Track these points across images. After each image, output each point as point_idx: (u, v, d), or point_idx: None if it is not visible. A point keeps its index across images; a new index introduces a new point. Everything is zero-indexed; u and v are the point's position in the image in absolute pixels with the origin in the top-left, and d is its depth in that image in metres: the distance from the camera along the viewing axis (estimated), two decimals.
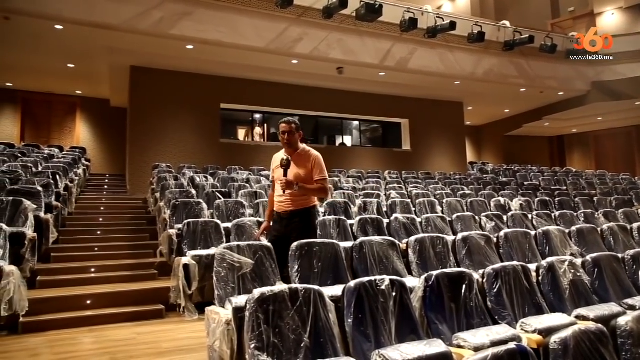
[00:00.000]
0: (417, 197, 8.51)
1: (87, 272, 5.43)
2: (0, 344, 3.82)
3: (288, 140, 3.86)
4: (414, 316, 2.83)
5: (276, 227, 3.89)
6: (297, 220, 3.78)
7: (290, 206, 3.77)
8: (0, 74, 12.46)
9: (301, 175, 3.79)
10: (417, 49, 11.89)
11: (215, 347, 2.71)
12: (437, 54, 12.16)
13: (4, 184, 6.54)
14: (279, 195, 3.81)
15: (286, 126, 3.88)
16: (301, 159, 3.85)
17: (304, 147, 3.96)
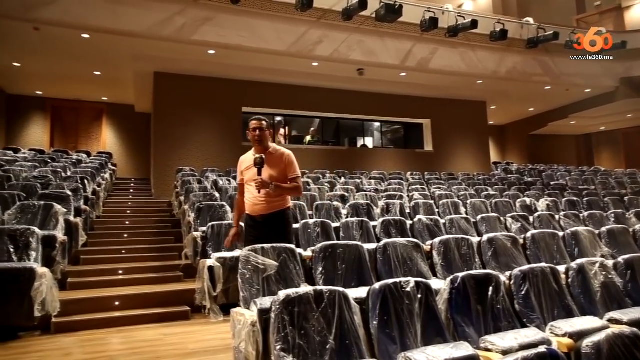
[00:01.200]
0: (440, 198, 8.43)
1: (115, 274, 5.54)
2: (35, 343, 3.93)
3: (259, 137, 3.70)
4: (440, 318, 2.80)
5: (252, 231, 3.73)
6: (274, 222, 3.66)
7: (266, 209, 3.64)
8: (31, 82, 12.86)
9: (275, 174, 3.65)
10: (438, 48, 11.78)
11: (241, 348, 2.73)
12: (458, 53, 12.03)
13: (35, 189, 6.75)
14: (253, 197, 3.66)
15: (257, 123, 3.74)
16: (273, 158, 3.71)
17: (275, 145, 3.84)
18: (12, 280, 3.93)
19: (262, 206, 3.64)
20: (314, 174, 10.71)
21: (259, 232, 3.65)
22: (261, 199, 3.62)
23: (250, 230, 3.75)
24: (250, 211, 3.73)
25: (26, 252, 4.45)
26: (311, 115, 13.73)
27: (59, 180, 7.76)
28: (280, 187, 3.61)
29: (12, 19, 8.54)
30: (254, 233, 3.69)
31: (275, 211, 3.66)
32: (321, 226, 5.33)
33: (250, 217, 3.74)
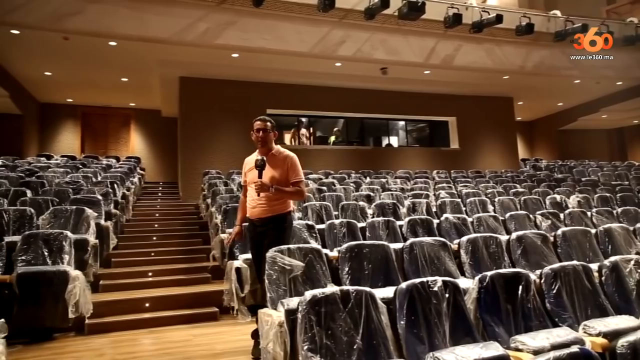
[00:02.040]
0: (467, 196, 8.30)
1: (144, 276, 5.65)
2: (69, 344, 4.05)
3: (262, 138, 3.60)
4: (469, 318, 2.76)
5: (250, 234, 3.69)
6: (270, 226, 3.52)
7: (264, 212, 3.51)
8: (62, 90, 13.26)
9: (276, 177, 3.52)
10: (462, 45, 11.62)
11: (268, 348, 2.75)
12: (483, 49, 11.83)
13: (67, 194, 6.95)
14: (253, 199, 3.54)
15: (261, 124, 3.62)
16: (276, 160, 3.59)
17: (278, 147, 3.72)
18: (47, 283, 4.05)
19: (260, 209, 3.52)
20: (339, 174, 10.70)
21: (256, 235, 3.57)
22: (260, 202, 3.50)
23: (249, 233, 3.70)
24: (249, 214, 3.62)
25: (60, 255, 4.58)
26: (335, 115, 13.73)
27: (90, 185, 7.97)
28: (281, 190, 3.47)
29: (43, 30, 8.82)
30: (252, 236, 3.64)
31: (273, 215, 3.52)
32: (347, 226, 5.32)
33: (249, 220, 3.64)
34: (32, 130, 13.87)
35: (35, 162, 10.57)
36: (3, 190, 7.00)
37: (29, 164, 10.31)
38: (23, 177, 8.30)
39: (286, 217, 3.61)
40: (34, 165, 10.07)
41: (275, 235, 3.49)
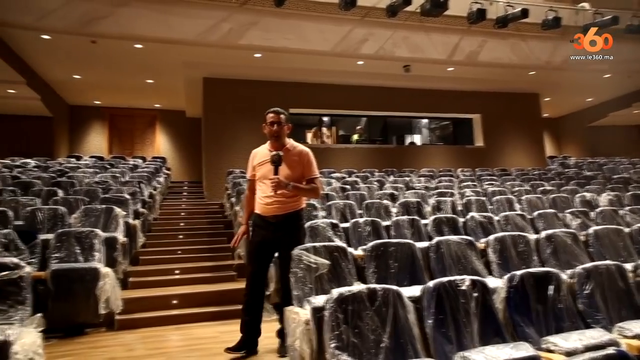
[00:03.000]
0: (493, 194, 8.17)
1: (172, 273, 5.74)
2: (100, 339, 4.15)
3: (277, 132, 3.44)
4: (498, 318, 2.73)
5: (261, 232, 3.45)
6: (288, 225, 3.39)
7: (280, 209, 3.36)
8: (90, 93, 13.59)
9: (291, 173, 3.37)
10: (487, 40, 11.44)
11: (295, 346, 2.76)
12: (508, 44, 11.63)
13: (97, 193, 7.12)
14: (266, 196, 3.37)
15: (275, 116, 3.48)
16: (290, 156, 3.43)
17: (291, 141, 3.58)
18: (79, 279, 4.16)
19: (276, 207, 3.36)
20: (362, 173, 10.67)
21: (269, 233, 3.40)
22: (275, 199, 3.34)
23: (259, 230, 3.46)
24: (261, 211, 3.43)
25: (91, 253, 4.70)
26: (358, 114, 13.69)
27: (118, 185, 8.14)
28: (298, 187, 3.35)
29: (72, 35, 9.07)
30: (263, 234, 3.44)
31: (289, 212, 3.39)
32: (371, 225, 5.30)
33: (261, 217, 3.44)
34: (62, 131, 14.25)
35: (66, 163, 10.85)
36: (36, 189, 7.22)
37: (60, 164, 10.60)
38: (55, 177, 8.54)
39: (301, 214, 3.53)
40: (65, 165, 10.34)
41: (292, 233, 3.41)
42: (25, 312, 2.96)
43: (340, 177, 9.87)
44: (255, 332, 3.49)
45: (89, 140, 15.12)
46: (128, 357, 3.65)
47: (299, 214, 3.48)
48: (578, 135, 17.94)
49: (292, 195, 3.37)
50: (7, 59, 9.46)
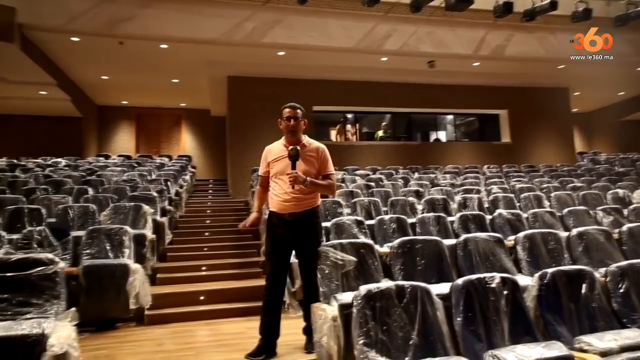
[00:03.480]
0: (521, 191, 8.03)
1: (198, 270, 5.82)
2: (131, 333, 4.24)
3: (294, 127, 3.37)
4: (528, 316, 2.68)
5: (278, 230, 3.37)
6: (305, 222, 3.31)
7: (297, 207, 3.28)
8: (118, 93, 13.88)
9: (308, 169, 3.30)
10: (513, 34, 11.22)
11: (322, 342, 2.76)
12: (536, 37, 11.38)
13: (125, 191, 7.26)
14: (284, 192, 3.28)
15: (292, 111, 3.41)
16: (307, 152, 3.36)
17: (307, 138, 3.51)
18: (110, 275, 4.26)
19: (293, 203, 3.27)
20: (386, 170, 10.61)
21: (287, 231, 3.32)
22: (293, 196, 3.25)
23: (276, 228, 3.37)
24: (278, 208, 3.33)
25: (120, 249, 4.79)
26: (382, 110, 13.61)
27: (145, 183, 8.29)
28: (315, 183, 3.26)
29: (100, 36, 9.28)
30: (280, 232, 3.35)
31: (306, 209, 3.31)
32: (397, 222, 5.27)
33: (277, 214, 3.35)
34: (91, 131, 14.59)
35: (95, 162, 11.12)
36: (67, 188, 7.42)
37: (89, 163, 10.86)
38: (84, 176, 8.76)
39: (318, 211, 3.45)
40: (94, 164, 10.60)
41: (310, 230, 3.34)
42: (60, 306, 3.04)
43: (364, 174, 9.83)
44: (274, 333, 3.44)
45: (117, 140, 15.45)
46: (158, 352, 3.71)
47: (316, 211, 3.41)
48: (609, 130, 17.41)
49: (309, 192, 3.30)
50: (39, 62, 9.74)
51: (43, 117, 13.61)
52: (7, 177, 8.20)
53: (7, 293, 2.97)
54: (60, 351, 2.44)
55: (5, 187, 7.47)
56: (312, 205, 3.35)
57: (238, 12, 9.62)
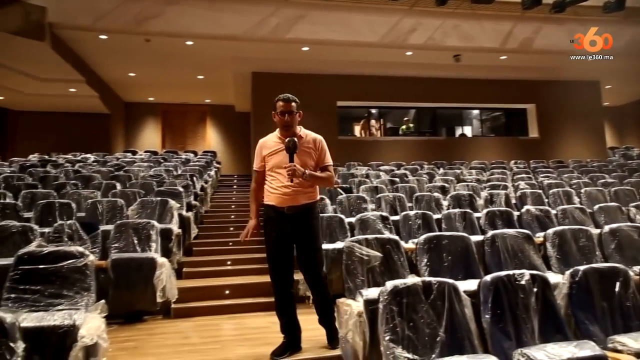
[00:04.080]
0: (549, 187, 7.85)
1: (224, 264, 5.88)
2: (158, 326, 4.31)
3: (288, 123, 3.25)
4: (559, 314, 2.61)
5: (275, 225, 3.21)
6: (305, 216, 3.17)
7: (296, 200, 3.14)
8: (145, 90, 14.11)
9: (307, 161, 3.20)
10: (542, 26, 10.95)
11: (347, 337, 2.76)
12: (566, 30, 11.05)
13: (152, 187, 7.38)
14: (282, 186, 3.15)
15: (285, 105, 3.26)
16: (304, 143, 3.24)
17: (303, 129, 3.38)
18: (137, 268, 4.33)
19: (291, 197, 3.14)
20: (411, 166, 10.51)
21: (285, 225, 3.17)
22: (292, 189, 3.12)
23: (274, 223, 3.22)
24: (276, 202, 3.19)
25: (147, 243, 4.87)
26: (406, 105, 13.48)
27: (172, 178, 8.40)
28: (314, 175, 3.15)
29: (128, 34, 9.44)
30: (278, 226, 3.20)
31: (306, 203, 3.18)
32: (422, 217, 5.22)
33: (275, 208, 3.20)
34: (118, 127, 14.89)
35: (122, 157, 11.33)
36: (96, 183, 7.59)
37: (117, 159, 11.08)
38: (112, 171, 8.94)
39: (317, 205, 3.32)
40: (121, 160, 10.81)
41: (310, 225, 3.20)
42: (90, 298, 3.11)
43: (388, 169, 9.76)
44: (295, 329, 3.40)
45: (143, 136, 15.72)
46: (184, 345, 3.76)
47: (316, 204, 3.29)
48: None
49: (309, 185, 3.18)
50: (68, 59, 9.97)
51: (72, 113, 13.97)
52: (38, 173, 8.44)
53: (39, 285, 3.06)
54: (90, 342, 2.50)
55: (37, 182, 7.69)
56: (313, 199, 3.24)
57: (262, 8, 9.65)
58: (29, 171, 8.55)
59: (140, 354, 3.51)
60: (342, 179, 8.64)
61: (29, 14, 8.51)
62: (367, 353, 2.64)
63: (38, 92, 12.13)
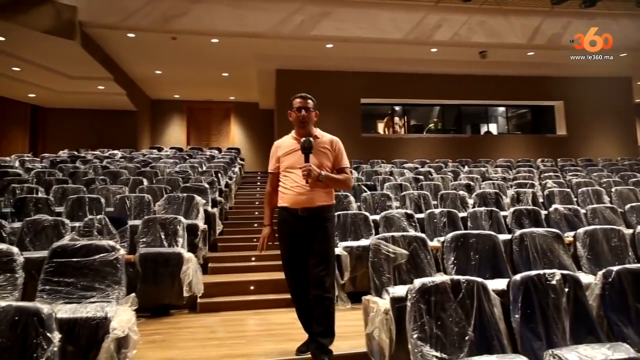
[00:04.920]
0: (578, 186, 7.68)
1: (248, 260, 5.92)
2: (184, 320, 4.38)
3: (304, 119, 3.12)
4: (591, 315, 2.55)
5: (289, 227, 3.06)
6: (320, 218, 3.00)
7: (312, 201, 2.98)
8: (170, 87, 14.32)
9: (322, 162, 3.05)
10: (571, 21, 10.71)
11: (374, 335, 2.75)
12: (597, 24, 10.77)
13: (178, 183, 7.49)
14: (297, 186, 3.00)
15: (302, 101, 3.15)
16: (320, 144, 3.10)
17: (319, 130, 3.27)
18: (164, 263, 4.39)
19: (307, 197, 2.98)
20: (435, 163, 10.41)
21: (299, 227, 3.01)
22: (307, 190, 2.97)
23: (287, 225, 3.08)
24: (289, 203, 3.04)
25: (174, 238, 4.94)
26: (431, 102, 13.35)
27: (197, 175, 8.51)
28: (331, 177, 3.02)
29: (155, 32, 9.59)
30: (292, 228, 3.05)
31: (321, 205, 3.02)
32: (447, 216, 5.17)
33: (288, 210, 3.05)
34: (144, 124, 15.16)
35: (149, 154, 11.53)
36: (124, 179, 7.74)
37: (143, 155, 11.27)
38: (139, 167, 9.10)
39: (332, 208, 3.16)
40: (148, 156, 10.99)
41: (323, 229, 3.01)
42: (120, 291, 3.17)
43: (412, 167, 9.69)
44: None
45: (169, 132, 15.97)
46: (211, 339, 3.82)
47: (331, 207, 3.12)
48: None
49: (325, 186, 3.03)
50: (97, 57, 10.19)
51: (100, 110, 14.29)
52: (68, 168, 8.65)
53: (72, 277, 3.13)
54: (122, 334, 2.55)
55: (67, 177, 7.88)
56: (328, 202, 3.08)
57: (287, 6, 9.68)
58: (59, 167, 8.78)
59: (168, 347, 3.57)
60: (365, 176, 8.62)
61: (60, 14, 8.73)
62: (394, 351, 2.63)
63: (68, 90, 12.44)
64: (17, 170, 8.41)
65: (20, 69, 10.76)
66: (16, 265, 3.12)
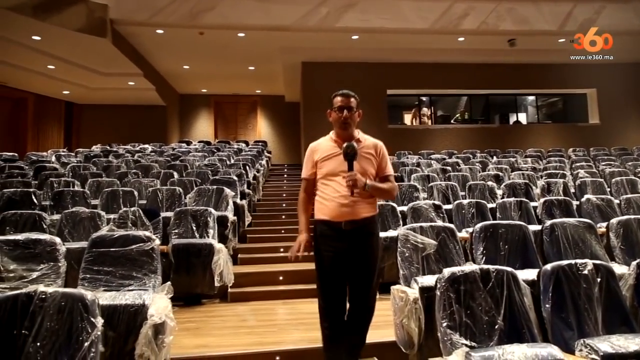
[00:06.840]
0: (611, 175, 7.49)
1: (276, 251, 6.02)
2: (215, 309, 4.51)
3: (347, 119, 2.75)
4: (625, 306, 2.53)
5: (332, 243, 2.68)
6: (366, 233, 2.68)
7: (356, 214, 2.64)
8: (198, 82, 14.54)
9: (366, 169, 2.70)
10: (605, 6, 10.37)
11: (403, 324, 2.79)
12: (632, 8, 10.44)
13: (207, 175, 7.64)
14: (339, 196, 2.65)
15: (345, 99, 2.80)
16: (364, 148, 2.75)
17: (360, 133, 2.88)
18: (196, 254, 4.52)
19: (351, 209, 2.63)
20: (463, 154, 10.30)
21: (342, 244, 2.65)
22: (352, 199, 2.62)
23: (328, 242, 2.71)
24: (330, 216, 2.68)
25: (205, 230, 5.07)
26: (458, 93, 13.17)
27: (225, 167, 8.66)
28: (377, 187, 2.68)
29: (183, 28, 9.74)
30: (335, 245, 2.67)
31: (366, 216, 2.68)
32: (476, 206, 5.13)
33: (329, 224, 2.69)
34: (173, 118, 15.44)
35: (178, 148, 11.76)
36: (155, 172, 7.94)
37: (173, 149, 11.51)
38: (169, 160, 9.31)
39: (377, 219, 2.84)
40: (177, 150, 11.22)
41: (371, 244, 2.71)
42: (156, 280, 3.30)
43: (440, 158, 9.61)
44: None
45: (197, 126, 16.24)
46: (242, 327, 3.92)
47: (376, 218, 2.80)
48: None
49: (369, 196, 2.70)
50: (127, 54, 10.43)
51: (131, 106, 14.62)
52: (102, 162, 8.92)
53: (111, 266, 3.27)
54: (159, 320, 2.66)
55: (101, 171, 8.14)
56: (372, 213, 2.74)
57: None
58: (93, 161, 9.05)
59: (202, 334, 3.69)
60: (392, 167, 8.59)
61: (92, 12, 8.97)
62: (422, 339, 2.66)
63: (100, 86, 12.78)
64: (54, 164, 8.72)
65: (55, 67, 11.10)
66: (59, 255, 3.28)
